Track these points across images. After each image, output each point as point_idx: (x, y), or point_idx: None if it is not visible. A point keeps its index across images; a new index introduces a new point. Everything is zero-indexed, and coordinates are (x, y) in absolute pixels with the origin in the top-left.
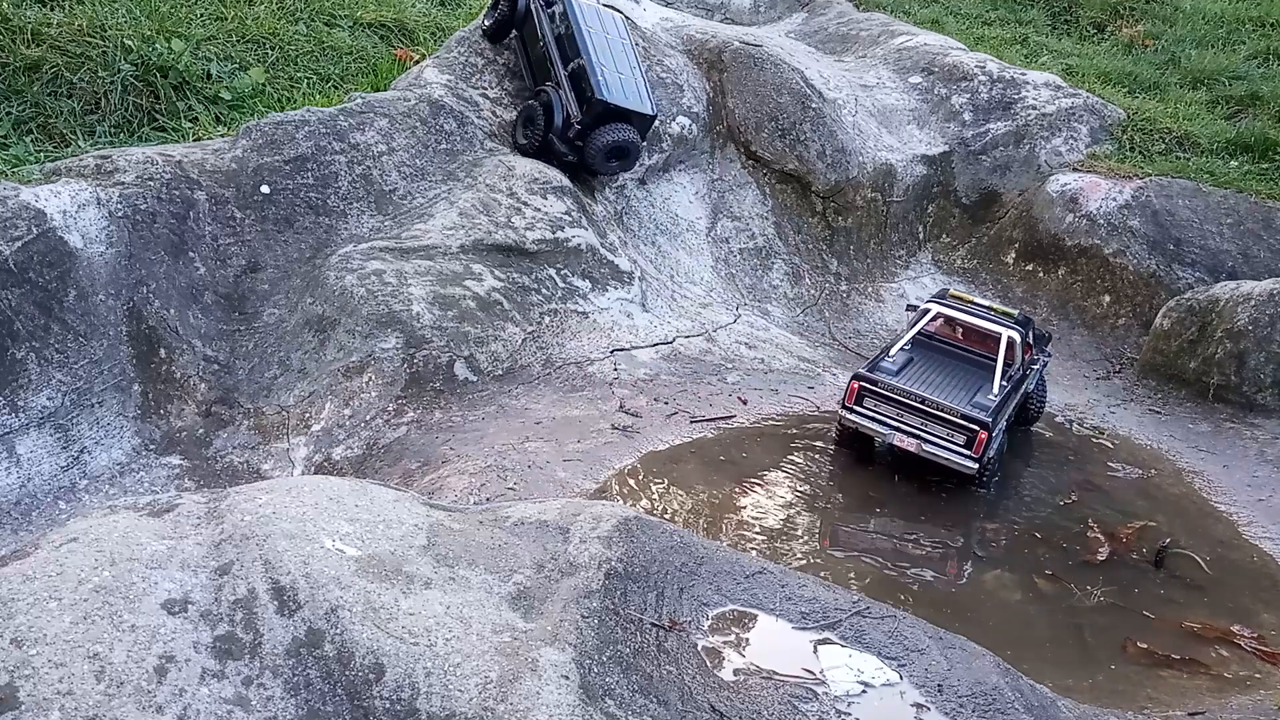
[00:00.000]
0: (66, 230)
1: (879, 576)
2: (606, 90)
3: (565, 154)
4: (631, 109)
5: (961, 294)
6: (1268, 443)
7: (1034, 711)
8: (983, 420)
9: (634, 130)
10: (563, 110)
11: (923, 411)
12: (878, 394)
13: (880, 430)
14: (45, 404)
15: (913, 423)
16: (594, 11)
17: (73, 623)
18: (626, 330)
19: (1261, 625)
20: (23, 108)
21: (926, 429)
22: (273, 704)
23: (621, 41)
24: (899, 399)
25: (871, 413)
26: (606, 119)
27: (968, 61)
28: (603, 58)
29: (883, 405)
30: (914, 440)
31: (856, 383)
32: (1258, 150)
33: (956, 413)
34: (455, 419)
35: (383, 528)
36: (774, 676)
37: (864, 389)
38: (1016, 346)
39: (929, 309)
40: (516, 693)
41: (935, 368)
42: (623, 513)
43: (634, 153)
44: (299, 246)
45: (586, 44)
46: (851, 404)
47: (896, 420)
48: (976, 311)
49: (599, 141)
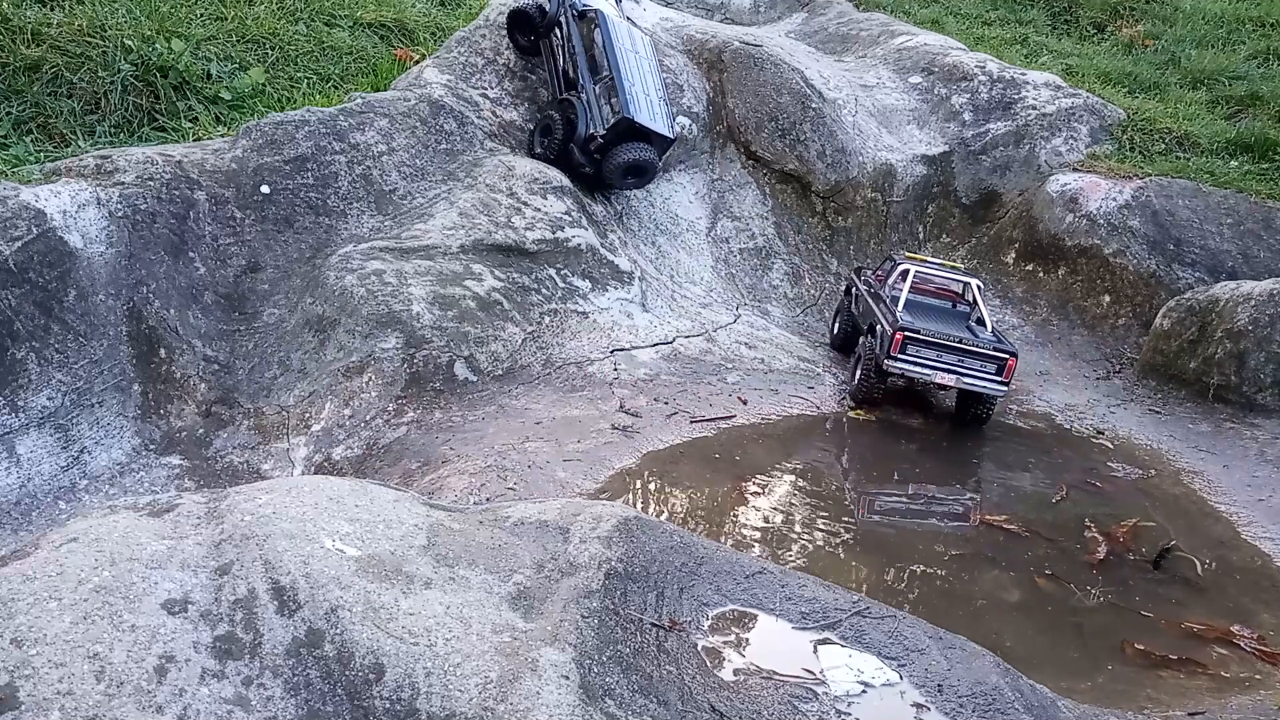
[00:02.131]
0: (66, 230)
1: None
2: (635, 108)
3: (583, 165)
4: (654, 130)
5: (915, 255)
6: (1268, 443)
7: (1034, 711)
8: (1012, 349)
9: (653, 150)
10: (587, 122)
11: (959, 350)
12: (920, 341)
13: (924, 372)
14: (45, 404)
15: (950, 360)
16: (626, 29)
17: (73, 623)
18: (626, 330)
19: (1261, 625)
20: (23, 108)
21: (963, 364)
22: (273, 704)
23: (650, 63)
24: (939, 342)
25: (914, 358)
26: (629, 136)
27: (968, 61)
28: (632, 75)
29: (924, 350)
30: (953, 375)
31: (900, 334)
32: (1258, 150)
33: (989, 346)
34: (455, 419)
35: (383, 528)
36: (774, 676)
37: (908, 338)
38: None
39: (906, 268)
40: (516, 693)
41: (927, 315)
42: (623, 513)
43: (650, 172)
44: (299, 246)
45: (618, 60)
46: (896, 353)
47: (935, 361)
48: (938, 265)
49: (619, 158)
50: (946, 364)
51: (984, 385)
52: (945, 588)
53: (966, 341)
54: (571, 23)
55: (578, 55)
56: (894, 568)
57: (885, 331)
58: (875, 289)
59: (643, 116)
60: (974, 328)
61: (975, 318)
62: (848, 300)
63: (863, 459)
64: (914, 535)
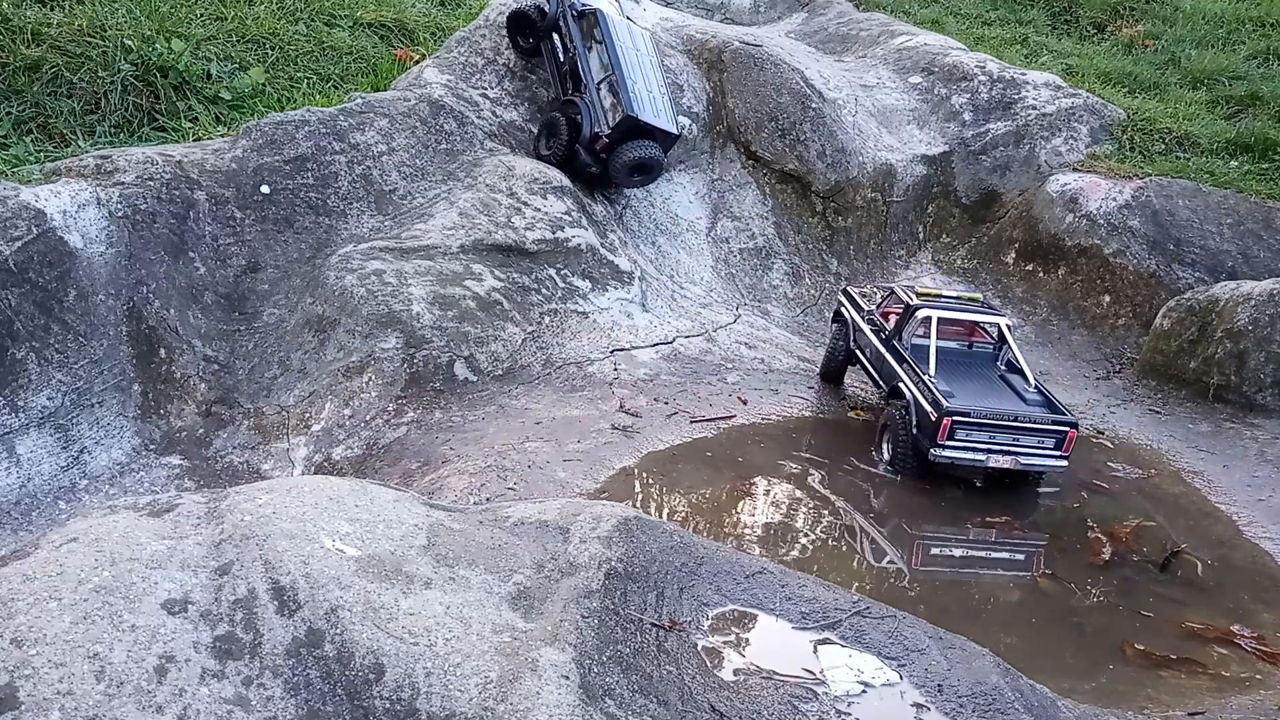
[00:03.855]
0: (66, 230)
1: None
2: (639, 107)
3: (589, 165)
4: (658, 127)
5: (927, 289)
6: (1268, 443)
7: (1034, 711)
8: (1072, 420)
9: (658, 148)
10: (591, 122)
11: (1014, 427)
12: (970, 423)
13: (976, 458)
14: (45, 404)
15: (1004, 441)
16: (626, 27)
17: (73, 623)
18: (626, 330)
19: (1261, 625)
20: (23, 108)
21: (1019, 443)
22: (273, 704)
23: (651, 60)
24: (991, 422)
25: (964, 443)
26: (634, 135)
27: (968, 61)
28: (634, 74)
29: (975, 433)
30: (1009, 457)
31: (948, 419)
32: (1258, 150)
33: (1046, 420)
34: (455, 419)
35: (383, 528)
36: (774, 676)
37: (956, 423)
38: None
39: (928, 315)
40: (516, 693)
41: (958, 374)
42: (623, 513)
43: (657, 169)
44: (299, 246)
45: (620, 59)
46: (944, 440)
47: (989, 444)
48: (961, 306)
49: (624, 157)
50: (1001, 445)
51: (1043, 464)
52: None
53: (1023, 418)
54: (572, 23)
55: (579, 55)
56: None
57: (925, 411)
58: (888, 336)
59: (647, 114)
60: (1012, 380)
61: (1004, 359)
62: (839, 329)
63: (863, 459)
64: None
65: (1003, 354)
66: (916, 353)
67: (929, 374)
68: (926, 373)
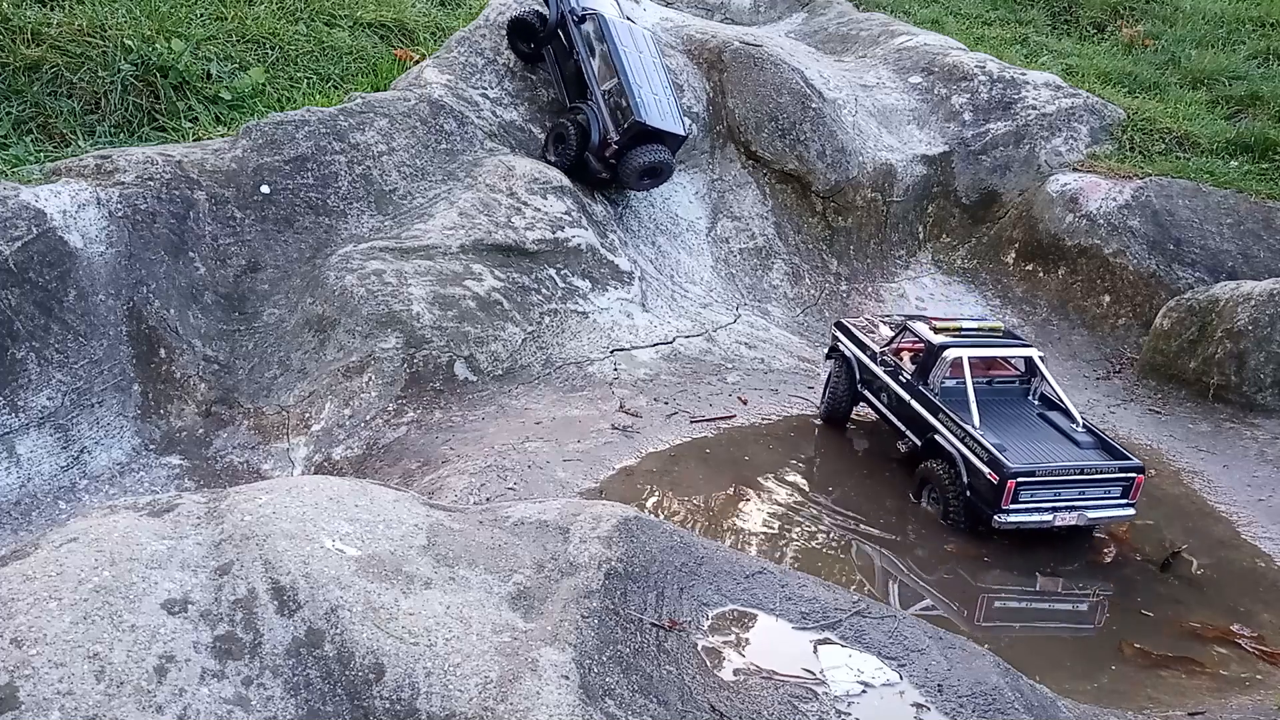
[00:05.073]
0: (66, 230)
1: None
2: (645, 112)
3: (600, 172)
4: (666, 130)
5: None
6: (1268, 443)
7: (1034, 711)
8: (1139, 464)
9: (668, 151)
10: (600, 129)
11: (1079, 480)
12: (1034, 483)
13: (1043, 520)
14: (45, 404)
15: (1070, 495)
16: (627, 29)
17: (73, 623)
18: (626, 330)
19: (1261, 625)
20: (23, 108)
21: (1085, 496)
22: (273, 704)
23: (654, 60)
24: (1057, 477)
25: (1030, 504)
26: (642, 139)
27: (968, 61)
28: (639, 78)
29: (1039, 491)
30: (1075, 513)
31: (1013, 482)
32: (1258, 150)
33: (1114, 468)
34: (455, 419)
35: (383, 528)
36: (774, 676)
37: (1021, 484)
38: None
39: (959, 357)
40: (516, 693)
41: (994, 418)
42: (623, 513)
43: (667, 172)
44: (299, 246)
45: (623, 63)
46: (1009, 505)
47: (1055, 501)
48: (988, 340)
49: (634, 162)
50: (1066, 500)
51: (1110, 516)
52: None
53: (1089, 469)
54: (573, 28)
55: (583, 61)
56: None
57: (979, 473)
58: (911, 380)
59: (652, 118)
60: (1053, 418)
61: (1035, 393)
62: (840, 369)
63: (864, 460)
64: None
65: (1033, 388)
66: (949, 399)
67: (976, 426)
68: (971, 424)
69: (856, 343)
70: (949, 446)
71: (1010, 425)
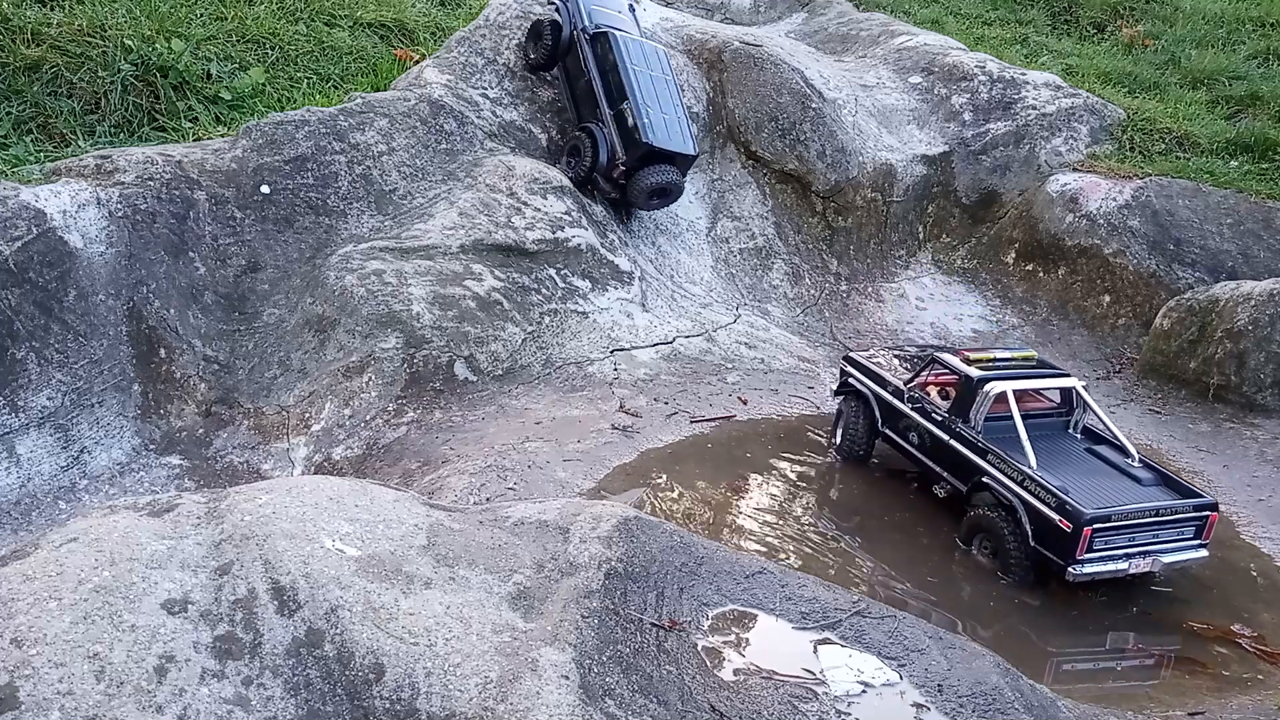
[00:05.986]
0: (66, 230)
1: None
2: (652, 134)
3: (608, 191)
4: (675, 150)
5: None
6: (1268, 443)
7: (1034, 711)
8: (1212, 501)
9: (677, 171)
10: (608, 150)
11: (1153, 522)
12: (1109, 528)
13: (1118, 568)
14: (45, 404)
15: (1143, 539)
16: (638, 46)
17: (73, 623)
18: (626, 330)
19: (1261, 625)
20: (23, 108)
21: (1158, 540)
22: (273, 704)
23: (665, 78)
24: (1132, 520)
25: (1105, 551)
26: (651, 160)
27: (968, 61)
28: (648, 98)
29: (1113, 536)
30: (1149, 558)
31: (1089, 529)
32: (1258, 150)
33: (1188, 507)
34: (455, 419)
35: (383, 528)
36: (774, 676)
37: (1097, 531)
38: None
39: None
40: (516, 693)
41: (1047, 456)
42: (623, 513)
43: (676, 192)
44: (299, 246)
45: (632, 84)
46: (1083, 555)
47: (1129, 546)
48: (1028, 373)
49: (643, 183)
50: (1141, 545)
51: (1183, 559)
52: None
53: (1164, 510)
54: (585, 45)
55: (593, 80)
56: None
57: (1047, 519)
58: (947, 418)
59: (660, 139)
60: (1104, 454)
61: (1078, 424)
62: (858, 407)
63: (865, 461)
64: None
65: (1074, 420)
66: (994, 438)
67: (1034, 468)
68: (1028, 465)
69: (874, 378)
70: (1006, 493)
71: (1063, 464)
